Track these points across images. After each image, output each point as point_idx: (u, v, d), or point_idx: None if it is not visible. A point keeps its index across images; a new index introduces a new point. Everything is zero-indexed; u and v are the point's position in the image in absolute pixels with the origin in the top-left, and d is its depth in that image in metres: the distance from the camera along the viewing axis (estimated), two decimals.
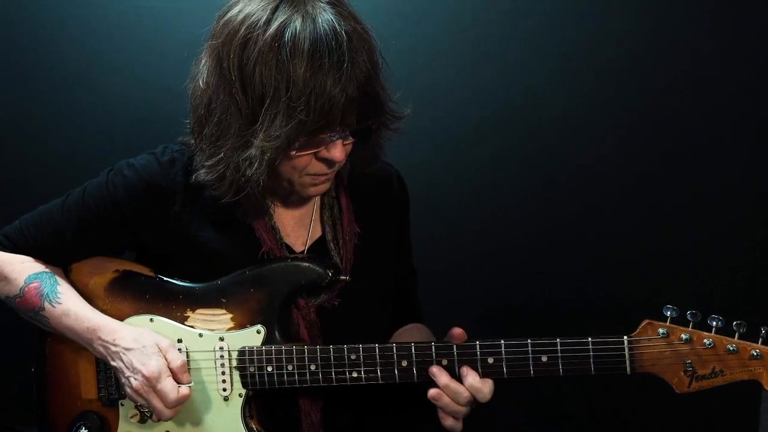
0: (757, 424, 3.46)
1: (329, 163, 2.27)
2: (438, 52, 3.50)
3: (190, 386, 2.33)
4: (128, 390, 2.35)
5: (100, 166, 2.53)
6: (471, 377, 2.26)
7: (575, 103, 3.48)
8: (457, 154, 3.54)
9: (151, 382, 2.29)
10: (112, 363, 2.38)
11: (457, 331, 2.29)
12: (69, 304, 2.43)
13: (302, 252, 2.49)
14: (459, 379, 2.27)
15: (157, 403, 2.31)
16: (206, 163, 2.29)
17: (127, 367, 2.34)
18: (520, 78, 3.49)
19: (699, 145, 3.46)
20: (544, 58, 3.47)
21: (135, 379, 2.32)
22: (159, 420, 2.36)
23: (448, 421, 2.31)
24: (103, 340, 2.38)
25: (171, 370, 2.33)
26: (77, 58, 3.51)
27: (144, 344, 2.34)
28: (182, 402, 2.32)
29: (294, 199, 2.49)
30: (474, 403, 2.29)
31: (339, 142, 2.23)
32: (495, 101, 3.50)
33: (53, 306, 2.43)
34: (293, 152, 2.21)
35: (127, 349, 2.34)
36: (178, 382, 2.32)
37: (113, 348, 2.37)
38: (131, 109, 3.44)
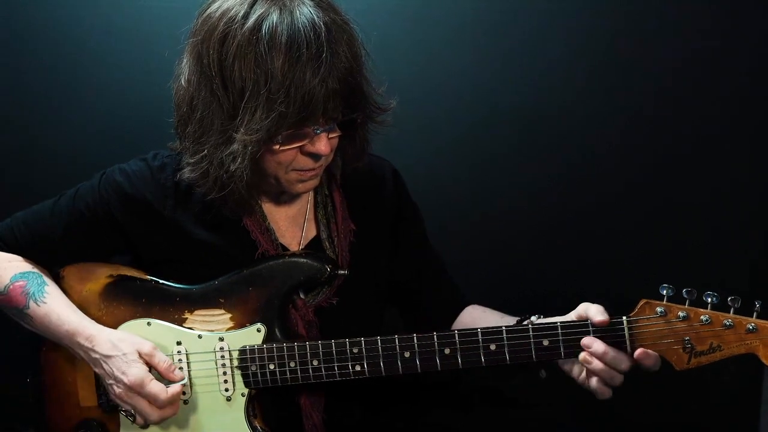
0: (757, 424, 3.50)
1: (315, 157, 2.27)
2: (439, 50, 3.51)
3: (183, 383, 2.32)
4: (112, 396, 2.34)
5: (100, 165, 2.53)
6: (597, 344, 2.22)
7: (575, 101, 3.50)
8: (456, 152, 3.55)
9: (134, 390, 2.28)
10: (95, 369, 2.37)
11: (600, 318, 2.23)
12: (53, 305, 2.41)
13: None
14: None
15: (144, 407, 2.29)
16: (190, 161, 2.30)
17: (108, 375, 2.33)
18: (521, 77, 3.50)
19: (698, 144, 3.49)
20: (544, 57, 3.48)
21: (117, 387, 2.31)
22: (145, 423, 2.34)
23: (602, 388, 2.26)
24: (82, 346, 2.36)
25: (159, 372, 2.31)
26: (77, 57, 3.48)
27: (124, 351, 2.32)
28: (174, 401, 2.30)
29: (286, 198, 2.50)
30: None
31: (323, 135, 2.24)
32: (494, 100, 3.51)
33: (38, 305, 2.42)
34: (277, 146, 2.22)
35: (107, 357, 2.32)
36: (171, 381, 2.31)
37: (93, 354, 2.35)
38: (131, 109, 3.42)
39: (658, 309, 2.20)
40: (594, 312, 2.25)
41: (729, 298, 2.16)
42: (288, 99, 2.13)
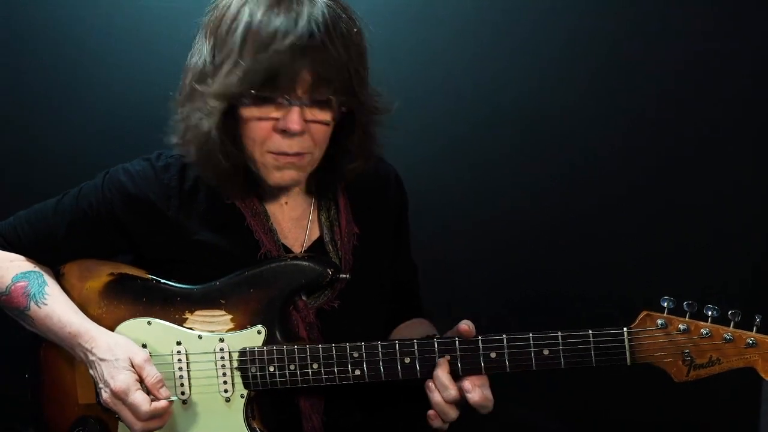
0: (757, 424, 3.53)
1: (287, 135, 2.26)
2: (442, 51, 3.52)
3: (170, 400, 2.29)
4: (101, 400, 2.32)
5: (100, 165, 2.53)
6: (477, 396, 2.25)
7: (578, 103, 3.52)
8: (459, 152, 3.57)
9: (119, 396, 2.26)
10: (90, 371, 2.36)
11: (463, 327, 2.29)
12: (54, 306, 2.40)
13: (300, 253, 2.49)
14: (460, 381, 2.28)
15: (128, 416, 2.27)
16: (173, 125, 2.35)
17: (99, 378, 2.32)
18: (524, 77, 3.52)
19: (701, 147, 3.51)
20: (548, 58, 3.50)
21: (105, 391, 2.30)
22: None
23: (436, 422, 2.30)
24: (83, 347, 2.36)
25: (146, 386, 2.29)
26: (77, 57, 3.49)
27: (117, 356, 2.31)
28: (157, 415, 2.28)
29: (286, 199, 2.51)
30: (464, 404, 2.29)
31: (296, 110, 2.22)
32: (497, 100, 3.52)
33: (39, 307, 2.41)
34: (246, 111, 2.24)
35: (102, 360, 2.32)
36: (154, 397, 2.28)
37: (90, 356, 2.34)
38: (131, 109, 3.44)
39: (659, 321, 2.22)
40: (461, 323, 2.30)
41: (729, 312, 2.18)
42: (256, 57, 2.16)
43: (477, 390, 2.25)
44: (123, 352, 2.32)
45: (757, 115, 3.48)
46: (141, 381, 2.29)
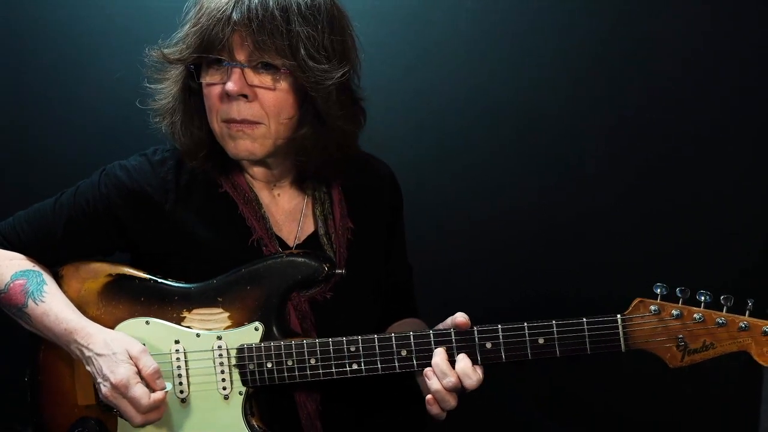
0: (757, 424, 3.50)
1: (230, 99, 2.30)
2: (439, 50, 3.52)
3: (165, 391, 2.31)
4: (100, 395, 2.33)
5: (99, 165, 2.56)
6: (463, 362, 2.27)
7: (574, 101, 3.52)
8: (455, 152, 3.57)
9: (119, 390, 2.27)
10: (87, 367, 2.37)
11: (460, 319, 2.30)
12: (51, 304, 2.43)
13: (294, 246, 2.51)
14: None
15: (128, 409, 2.29)
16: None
17: (97, 373, 2.33)
18: (522, 77, 3.52)
19: (697, 145, 3.50)
20: (542, 57, 3.50)
21: (104, 386, 2.30)
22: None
23: (434, 408, 2.30)
24: (78, 344, 2.37)
25: (143, 377, 2.30)
26: (77, 57, 3.52)
27: (114, 350, 2.32)
28: (156, 407, 2.30)
29: (282, 192, 2.54)
30: (462, 392, 2.30)
31: (237, 72, 2.29)
32: (491, 100, 3.52)
33: (36, 304, 2.43)
34: (202, 79, 2.34)
35: (99, 355, 2.33)
36: (151, 388, 2.30)
37: (87, 352, 2.36)
38: (130, 108, 3.42)
39: (652, 307, 2.23)
40: (457, 315, 2.31)
41: (722, 297, 2.19)
42: (199, 20, 2.29)
43: (466, 359, 2.27)
44: (120, 346, 2.33)
45: (756, 114, 3.47)
46: (139, 373, 2.31)
